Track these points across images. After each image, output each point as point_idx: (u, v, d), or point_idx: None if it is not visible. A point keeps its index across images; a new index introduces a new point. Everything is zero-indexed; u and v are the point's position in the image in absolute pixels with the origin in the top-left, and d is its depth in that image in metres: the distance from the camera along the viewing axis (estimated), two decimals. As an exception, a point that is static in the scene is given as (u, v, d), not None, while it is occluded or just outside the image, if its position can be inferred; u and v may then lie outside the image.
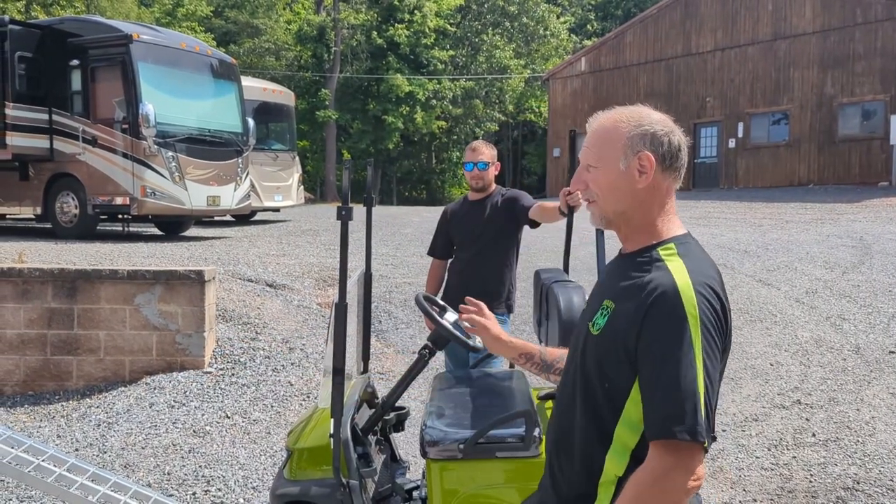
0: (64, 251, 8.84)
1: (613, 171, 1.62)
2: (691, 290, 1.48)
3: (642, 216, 1.64)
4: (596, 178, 1.65)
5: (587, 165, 1.67)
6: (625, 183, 1.61)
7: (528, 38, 39.07)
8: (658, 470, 1.44)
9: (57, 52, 10.70)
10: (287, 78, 34.31)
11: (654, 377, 1.46)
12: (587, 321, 1.64)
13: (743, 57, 22.77)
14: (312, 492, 2.87)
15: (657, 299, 1.48)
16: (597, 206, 1.67)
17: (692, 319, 1.45)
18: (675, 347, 1.44)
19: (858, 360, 5.98)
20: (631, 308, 1.52)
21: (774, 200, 17.82)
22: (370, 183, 3.61)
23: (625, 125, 1.62)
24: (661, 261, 1.56)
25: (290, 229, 13.17)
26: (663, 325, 1.46)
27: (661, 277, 1.51)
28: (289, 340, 6.51)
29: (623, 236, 1.69)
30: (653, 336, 1.47)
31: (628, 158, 1.61)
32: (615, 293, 1.59)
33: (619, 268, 1.67)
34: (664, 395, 1.43)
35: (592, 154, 1.66)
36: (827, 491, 4.16)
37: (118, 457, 4.81)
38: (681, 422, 1.41)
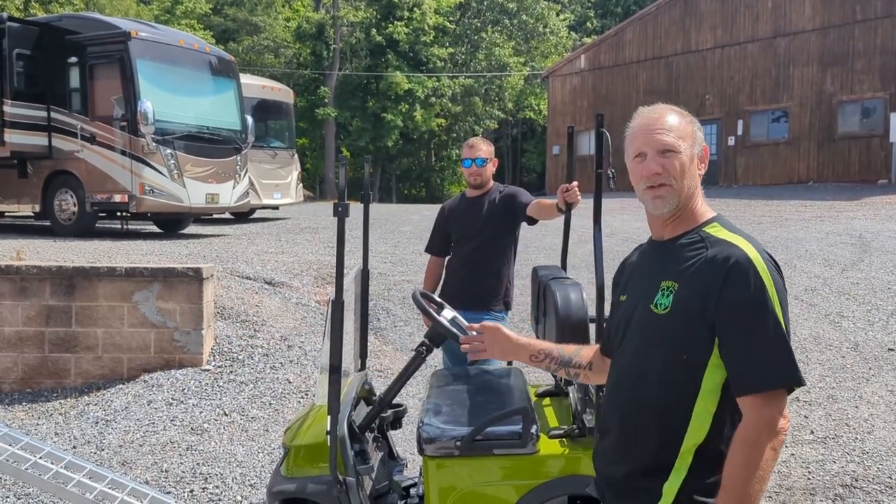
0: (62, 249, 8.83)
1: (689, 157, 1.77)
2: (761, 258, 1.64)
3: (694, 201, 1.81)
4: (673, 164, 1.76)
5: (663, 150, 1.76)
6: (693, 169, 1.78)
7: (528, 35, 39.04)
8: (763, 421, 1.57)
9: (55, 49, 10.67)
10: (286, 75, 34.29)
11: (745, 337, 1.59)
12: (647, 304, 1.74)
13: (742, 54, 22.75)
14: (309, 489, 2.86)
15: (734, 269, 1.62)
16: (671, 189, 1.77)
17: (768, 283, 1.61)
18: (761, 308, 1.59)
19: (857, 358, 5.97)
20: (703, 282, 1.65)
21: (774, 198, 17.81)
22: (367, 180, 3.61)
23: (687, 119, 1.81)
24: (716, 237, 1.71)
25: (289, 227, 13.16)
26: (745, 291, 1.60)
27: (730, 250, 1.66)
28: (287, 338, 6.51)
29: (671, 221, 1.81)
30: (737, 301, 1.60)
31: (695, 148, 1.79)
32: (674, 274, 1.71)
33: (667, 252, 1.79)
34: (760, 350, 1.58)
35: (671, 139, 1.77)
36: (825, 488, 4.15)
37: (116, 454, 4.80)
38: (781, 371, 1.58)
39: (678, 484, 1.67)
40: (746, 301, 1.60)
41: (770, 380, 1.58)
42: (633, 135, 1.81)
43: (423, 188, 41.15)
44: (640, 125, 1.81)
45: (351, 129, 36.07)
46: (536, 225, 4.24)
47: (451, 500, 2.75)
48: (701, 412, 1.67)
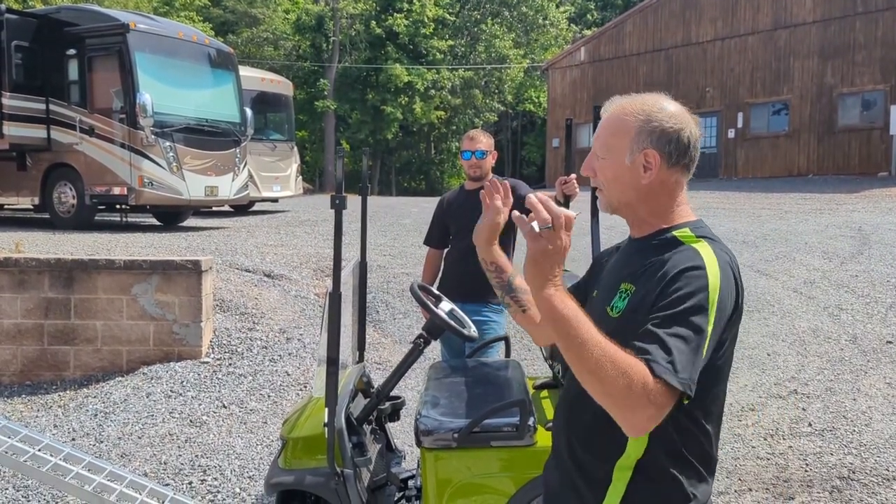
0: (61, 241, 8.83)
1: (619, 165, 1.60)
2: (717, 265, 1.49)
3: (649, 208, 1.63)
4: (602, 168, 1.63)
5: (595, 154, 1.65)
6: (629, 177, 1.60)
7: (528, 27, 38.94)
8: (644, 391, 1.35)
9: (54, 41, 10.64)
10: (285, 68, 34.21)
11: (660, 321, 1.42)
12: (604, 305, 1.62)
13: (743, 46, 22.69)
14: (307, 481, 2.87)
15: (682, 269, 1.48)
16: (603, 194, 1.67)
17: (712, 287, 1.45)
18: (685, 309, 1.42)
19: (856, 350, 5.98)
20: (651, 286, 1.51)
21: (774, 191, 17.80)
22: (365, 172, 3.60)
23: (632, 118, 1.59)
24: (682, 243, 1.57)
25: (289, 220, 13.16)
26: (684, 285, 1.45)
27: (686, 254, 1.52)
28: (286, 330, 6.51)
29: (630, 223, 1.69)
30: (672, 295, 1.45)
31: (633, 154, 1.58)
32: (634, 276, 1.58)
33: (633, 253, 1.66)
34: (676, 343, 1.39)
35: (600, 144, 1.64)
36: (822, 480, 4.16)
37: (115, 446, 4.81)
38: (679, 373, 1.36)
39: (617, 501, 1.56)
40: (680, 296, 1.44)
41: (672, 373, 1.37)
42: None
43: (422, 181, 41.12)
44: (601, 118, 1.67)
45: (350, 122, 36.01)
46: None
47: (449, 491, 2.76)
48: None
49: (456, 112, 37.22)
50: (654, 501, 1.56)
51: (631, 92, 1.71)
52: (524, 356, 6.16)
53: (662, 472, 1.55)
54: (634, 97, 1.64)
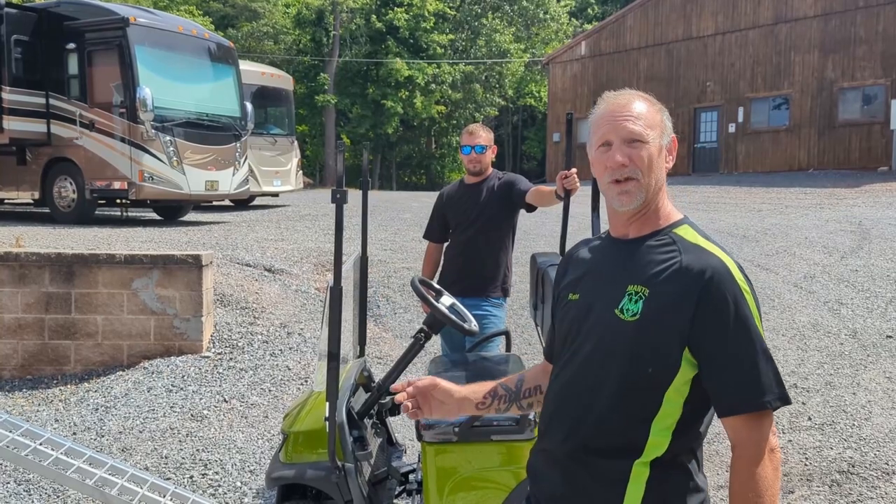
0: (62, 236, 8.83)
1: (657, 148, 1.62)
2: (738, 270, 1.54)
3: (661, 198, 1.66)
4: (640, 155, 1.60)
5: (630, 140, 1.59)
6: (660, 162, 1.64)
7: (528, 21, 38.85)
8: (761, 439, 1.49)
9: (53, 35, 10.62)
10: (286, 62, 34.17)
11: (734, 356, 1.49)
12: (609, 308, 1.57)
13: (744, 41, 22.64)
14: (308, 475, 2.87)
15: (713, 282, 1.50)
16: (638, 184, 1.60)
17: (749, 297, 1.52)
18: (745, 325, 1.49)
19: (855, 345, 5.98)
20: (679, 292, 1.51)
21: (774, 185, 17.78)
22: (366, 166, 3.60)
23: (656, 107, 1.66)
24: (690, 242, 1.59)
25: (289, 214, 13.16)
26: (728, 307, 1.49)
27: (707, 259, 1.54)
28: (287, 325, 6.52)
29: (636, 218, 1.64)
30: (720, 319, 1.49)
31: (664, 138, 1.64)
32: (644, 278, 1.56)
33: (632, 253, 1.62)
34: (750, 369, 1.49)
35: (639, 128, 1.60)
36: (822, 474, 4.17)
37: (116, 440, 4.82)
38: (772, 390, 1.49)
39: (638, 500, 1.55)
40: (730, 319, 1.48)
41: (763, 398, 1.48)
42: (598, 122, 1.64)
43: (423, 175, 41.10)
44: (606, 111, 1.63)
45: (351, 116, 35.97)
46: (535, 212, 4.23)
47: (450, 485, 2.77)
48: (665, 424, 1.55)
49: (456, 107, 37.17)
50: (673, 495, 1.57)
51: (632, 87, 1.77)
52: (525, 351, 6.17)
53: (679, 466, 1.58)
54: (630, 91, 1.69)
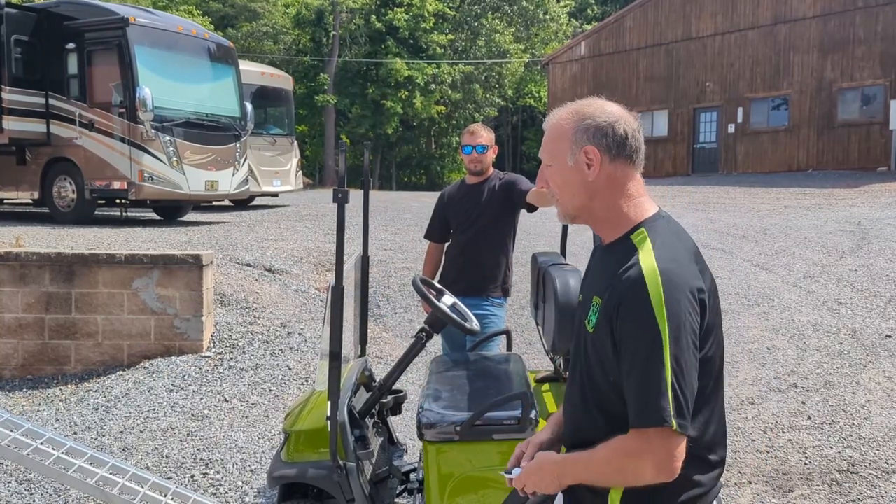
0: (62, 236, 8.83)
1: (564, 168, 1.65)
2: (658, 280, 1.49)
3: (604, 206, 1.65)
4: (552, 176, 1.68)
5: (545, 164, 1.70)
6: (576, 178, 1.64)
7: (528, 21, 38.86)
8: (628, 450, 1.50)
9: (53, 35, 10.62)
10: (285, 62, 34.17)
11: (628, 370, 1.51)
12: (583, 319, 1.66)
13: (743, 41, 22.65)
14: (309, 474, 2.88)
15: (625, 291, 1.51)
16: (559, 202, 1.70)
17: (658, 310, 1.47)
18: (641, 341, 1.48)
19: (855, 344, 5.99)
20: (610, 301, 1.55)
21: (773, 185, 17.79)
22: (367, 166, 3.60)
23: (568, 121, 1.65)
24: (635, 249, 1.57)
25: (289, 214, 13.16)
26: (631, 319, 1.50)
27: (632, 269, 1.53)
28: (287, 325, 6.52)
29: (596, 229, 1.72)
30: (624, 330, 1.51)
31: (575, 153, 1.63)
32: (601, 288, 1.61)
33: (602, 261, 1.70)
34: (635, 387, 1.49)
35: (545, 152, 1.69)
36: (822, 473, 4.18)
37: (117, 440, 4.83)
38: (648, 413, 1.46)
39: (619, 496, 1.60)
40: (631, 331, 1.50)
41: (635, 421, 1.49)
42: None
43: (423, 175, 41.09)
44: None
45: (350, 116, 35.97)
46: (536, 212, 4.24)
47: (451, 484, 2.77)
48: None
49: (456, 107, 37.18)
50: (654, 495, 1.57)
51: (632, 87, 1.76)
52: (525, 350, 6.18)
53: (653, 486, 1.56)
54: (568, 105, 1.70)
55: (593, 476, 1.58)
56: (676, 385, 1.46)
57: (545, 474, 1.65)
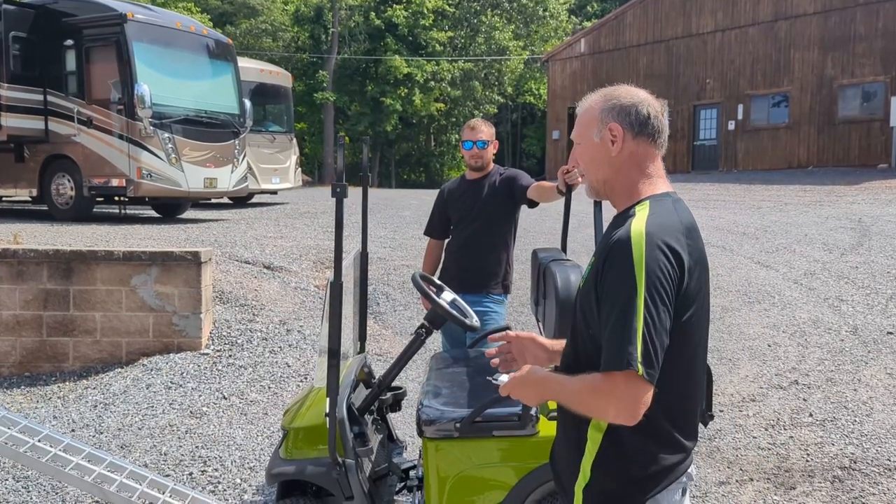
0: (60, 233, 8.81)
1: (591, 145, 1.82)
2: (643, 240, 1.62)
3: (623, 181, 1.80)
4: (580, 154, 1.86)
5: (575, 144, 1.88)
6: (600, 153, 1.80)
7: (528, 19, 38.82)
8: (596, 389, 1.61)
9: (51, 32, 10.59)
10: (284, 59, 34.11)
11: (605, 319, 1.63)
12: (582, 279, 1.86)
13: (743, 38, 22.62)
14: (308, 471, 2.86)
15: (613, 247, 1.65)
16: (585, 178, 1.88)
17: (638, 265, 1.59)
18: (619, 293, 1.60)
19: (856, 341, 5.97)
20: (599, 258, 1.72)
21: (774, 183, 17.77)
22: (366, 161, 3.58)
23: (597, 103, 1.82)
24: (633, 216, 1.71)
25: (288, 212, 13.13)
26: (613, 273, 1.63)
27: (622, 229, 1.68)
28: (286, 322, 6.50)
29: (612, 202, 1.86)
30: (607, 283, 1.64)
31: (600, 131, 1.79)
32: (598, 249, 1.80)
33: (608, 229, 1.84)
34: (609, 333, 1.60)
35: (575, 132, 1.87)
36: (824, 470, 4.16)
37: (115, 437, 4.80)
38: (616, 356, 1.57)
39: (591, 461, 1.73)
40: (612, 283, 1.63)
41: (605, 364, 1.59)
42: None
43: (422, 173, 41.07)
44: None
45: (350, 114, 35.94)
46: (536, 209, 4.21)
47: (451, 481, 2.75)
48: None
49: (455, 104, 37.13)
50: (622, 462, 1.70)
51: (632, 84, 1.88)
52: (524, 347, 6.14)
53: (629, 438, 1.68)
54: (602, 90, 1.86)
55: (566, 401, 1.72)
56: (647, 335, 1.56)
57: (528, 386, 1.78)
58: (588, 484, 1.73)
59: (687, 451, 1.75)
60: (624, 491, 1.71)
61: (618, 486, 1.71)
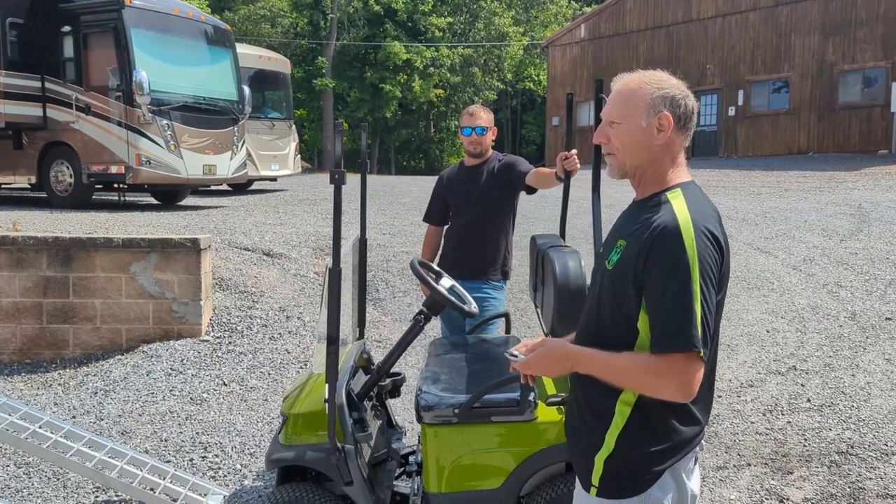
0: (59, 220, 8.80)
1: (636, 128, 1.81)
2: (691, 227, 1.70)
3: (655, 168, 1.84)
4: (619, 134, 1.84)
5: (610, 121, 1.85)
6: (644, 139, 1.82)
7: (528, 4, 38.61)
8: (655, 369, 1.68)
9: (48, 18, 10.53)
10: (283, 45, 33.94)
11: (658, 301, 1.68)
12: (604, 259, 1.87)
13: (744, 23, 22.50)
14: (308, 456, 2.87)
15: (661, 234, 1.70)
16: (616, 158, 1.86)
17: (690, 251, 1.67)
18: (675, 276, 1.66)
19: (855, 327, 5.98)
20: (639, 243, 1.74)
21: (774, 169, 17.74)
22: (364, 147, 3.57)
23: (648, 87, 1.82)
24: (669, 203, 1.77)
25: (287, 199, 13.12)
26: (666, 257, 1.68)
27: (666, 216, 1.73)
28: (286, 309, 6.51)
29: (636, 184, 1.89)
30: (657, 266, 1.69)
31: (650, 117, 1.80)
32: (628, 234, 1.81)
33: (632, 213, 1.88)
34: (666, 315, 1.66)
35: (617, 111, 1.84)
36: (821, 455, 4.18)
37: (115, 424, 4.82)
38: (677, 338, 1.65)
39: (616, 433, 1.79)
40: (665, 268, 1.67)
41: (663, 346, 1.67)
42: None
43: (421, 159, 40.99)
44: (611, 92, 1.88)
45: (349, 100, 35.81)
46: (535, 195, 4.21)
47: (450, 467, 2.76)
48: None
49: (455, 90, 37.00)
50: (647, 435, 1.78)
51: (632, 70, 1.90)
52: (524, 333, 6.17)
53: (657, 410, 1.76)
54: (641, 72, 1.87)
55: (609, 375, 1.75)
56: (704, 317, 1.66)
57: (555, 360, 1.83)
58: (611, 454, 1.80)
59: (702, 424, 1.84)
60: (644, 461, 1.78)
61: (639, 457, 1.78)
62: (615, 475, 1.81)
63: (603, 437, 1.82)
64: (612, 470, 1.81)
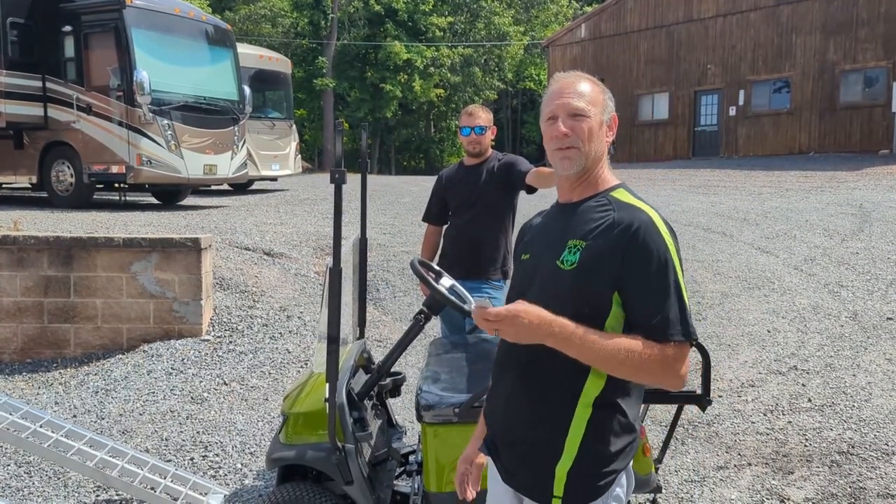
0: (60, 220, 8.80)
1: (598, 124, 1.84)
2: (662, 222, 1.77)
3: (600, 167, 1.88)
4: (582, 127, 1.83)
5: (573, 114, 1.82)
6: (602, 135, 1.86)
7: (528, 4, 38.60)
8: (661, 357, 1.68)
9: (49, 17, 10.54)
10: (284, 45, 33.95)
11: (650, 293, 1.71)
12: (552, 260, 1.81)
13: (745, 23, 22.49)
14: (308, 456, 2.87)
15: (640, 230, 1.72)
16: (578, 152, 1.83)
17: (670, 246, 1.74)
18: (665, 272, 1.71)
19: (856, 327, 5.98)
20: (609, 242, 1.74)
21: (774, 168, 17.73)
22: (364, 146, 3.57)
23: (599, 87, 1.87)
24: (622, 201, 1.81)
25: (288, 198, 13.12)
26: (649, 252, 1.71)
27: (636, 213, 1.76)
28: (286, 308, 6.51)
29: (578, 183, 1.88)
30: (642, 261, 1.71)
31: (605, 115, 1.85)
32: (582, 233, 1.79)
33: (573, 213, 1.86)
34: (657, 309, 1.69)
35: (589, 106, 1.83)
36: (822, 455, 4.18)
37: (116, 423, 4.83)
38: (678, 327, 1.69)
39: (578, 439, 1.76)
40: (651, 264, 1.71)
41: (667, 334, 1.69)
42: (548, 99, 1.87)
43: (422, 159, 40.99)
44: (555, 90, 1.86)
45: (349, 100, 35.81)
46: (535, 194, 4.20)
47: (450, 466, 2.76)
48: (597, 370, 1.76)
49: (455, 90, 36.99)
50: (610, 434, 1.77)
51: (633, 69, 1.94)
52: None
53: (614, 403, 1.77)
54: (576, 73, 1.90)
55: (601, 352, 1.67)
56: (689, 308, 1.74)
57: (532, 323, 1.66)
58: (574, 461, 1.75)
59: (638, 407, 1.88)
60: (610, 461, 1.77)
61: (606, 458, 1.76)
62: (581, 481, 1.75)
63: (562, 444, 1.76)
64: (578, 477, 1.75)
